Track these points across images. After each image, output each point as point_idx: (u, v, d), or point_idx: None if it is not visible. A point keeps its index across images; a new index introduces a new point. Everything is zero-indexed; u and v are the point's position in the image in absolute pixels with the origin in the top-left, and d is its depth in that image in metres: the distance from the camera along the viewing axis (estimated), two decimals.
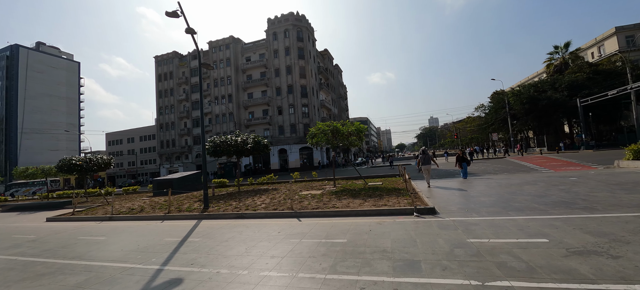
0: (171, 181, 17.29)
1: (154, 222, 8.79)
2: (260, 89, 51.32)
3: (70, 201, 16.01)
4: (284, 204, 9.14)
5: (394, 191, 9.98)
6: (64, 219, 10.84)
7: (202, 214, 8.78)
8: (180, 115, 56.10)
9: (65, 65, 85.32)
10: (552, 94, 38.77)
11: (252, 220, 7.63)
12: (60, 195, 25.17)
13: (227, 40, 53.60)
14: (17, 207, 17.27)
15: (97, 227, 8.79)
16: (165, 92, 57.95)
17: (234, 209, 9.11)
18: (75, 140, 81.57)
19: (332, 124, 12.23)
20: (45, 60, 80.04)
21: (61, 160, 18.55)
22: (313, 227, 6.21)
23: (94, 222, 9.70)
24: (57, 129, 76.62)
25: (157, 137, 58.09)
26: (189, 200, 12.71)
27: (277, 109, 50.03)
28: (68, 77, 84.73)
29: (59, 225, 9.77)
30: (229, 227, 6.98)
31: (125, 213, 10.34)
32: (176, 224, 8.12)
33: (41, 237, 7.74)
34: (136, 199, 15.84)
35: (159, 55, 59.23)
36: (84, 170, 18.38)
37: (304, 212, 7.62)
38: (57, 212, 13.55)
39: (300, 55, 50.23)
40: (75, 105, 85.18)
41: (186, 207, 10.47)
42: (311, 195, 10.58)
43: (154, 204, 12.26)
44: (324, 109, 57.89)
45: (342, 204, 8.38)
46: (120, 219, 9.69)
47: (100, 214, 10.94)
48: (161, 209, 10.45)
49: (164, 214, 9.24)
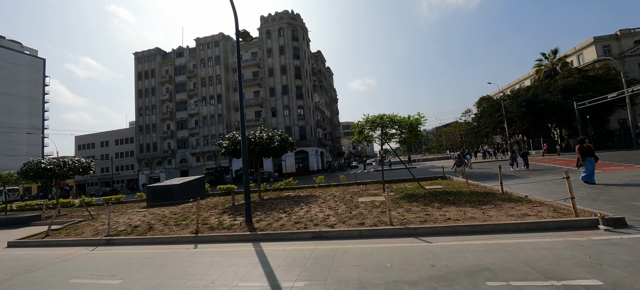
0: (171, 188, 14.28)
1: (180, 246, 6.12)
2: (253, 89, 48.38)
3: (38, 216, 12.54)
4: (359, 216, 6.84)
5: (483, 196, 8.01)
6: (35, 243, 7.77)
7: (256, 233, 6.24)
8: (163, 117, 51.55)
9: (27, 61, 76.99)
10: (549, 97, 39.47)
11: (343, 244, 5.23)
12: (21, 208, 20.88)
13: (216, 37, 50.29)
14: None
15: (91, 257, 5.98)
16: (145, 91, 53.17)
17: (293, 224, 6.64)
18: (37, 144, 73.21)
19: (385, 116, 10.13)
20: (5, 56, 71.61)
21: (26, 164, 14.87)
22: (453, 254, 4.07)
23: (83, 248, 6.80)
24: (17, 131, 68.25)
25: (135, 141, 52.94)
26: (204, 211, 9.99)
27: (271, 110, 47.34)
28: (31, 75, 76.39)
29: (28, 254, 6.77)
30: (326, 256, 4.58)
31: (128, 233, 7.50)
32: (222, 250, 5.54)
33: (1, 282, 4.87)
34: (127, 211, 12.70)
35: (139, 52, 54.47)
36: (57, 176, 14.83)
37: (415, 230, 5.38)
38: (22, 233, 10.23)
39: (295, 55, 48.11)
40: (38, 106, 76.80)
41: (215, 222, 7.83)
42: (378, 203, 8.35)
43: (161, 218, 9.41)
44: (318, 112, 55.85)
45: (440, 214, 6.26)
46: (124, 243, 6.87)
47: (89, 234, 7.98)
48: (178, 226, 7.73)
49: (193, 235, 6.57)
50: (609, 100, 31.35)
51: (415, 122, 9.96)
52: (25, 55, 77.67)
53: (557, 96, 39.21)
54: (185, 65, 52.12)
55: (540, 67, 48.75)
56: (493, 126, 50.74)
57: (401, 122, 10.04)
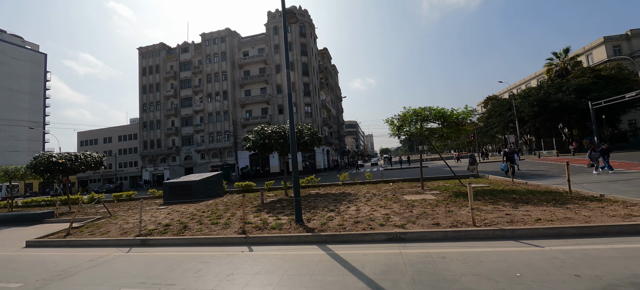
0: (190, 185, 13.53)
1: (231, 248, 5.38)
2: (259, 86, 47.61)
3: (51, 213, 11.79)
4: (425, 216, 6.13)
5: (549, 195, 7.31)
6: (57, 243, 7.03)
7: (316, 234, 5.51)
8: (167, 113, 50.73)
9: (29, 56, 75.98)
10: (562, 97, 38.84)
11: (430, 247, 4.52)
12: (27, 204, 20.14)
13: (222, 32, 49.45)
14: None
15: (131, 259, 5.25)
16: (149, 87, 52.33)
17: (353, 223, 5.91)
18: (38, 140, 72.29)
19: (431, 108, 9.40)
20: (6, 50, 70.60)
21: (36, 158, 14.10)
22: (586, 260, 3.38)
23: (116, 249, 6.07)
24: (18, 127, 67.32)
25: (139, 137, 52.13)
26: (234, 208, 9.26)
27: (278, 107, 46.57)
28: (32, 70, 75.40)
29: (54, 256, 6.04)
30: (425, 263, 3.87)
31: (162, 232, 6.76)
32: (284, 253, 4.81)
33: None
34: (145, 208, 11.96)
35: (143, 47, 53.62)
36: (69, 171, 14.07)
37: (512, 232, 4.68)
38: (37, 230, 9.49)
39: (303, 52, 47.37)
40: (39, 102, 75.88)
41: (256, 221, 7.10)
42: (431, 201, 7.65)
43: (191, 216, 8.67)
44: (325, 110, 55.14)
45: (522, 214, 5.55)
46: (162, 244, 6.14)
47: (117, 233, 7.24)
48: (216, 225, 7.01)
49: (242, 235, 5.83)
50: (627, 99, 30.75)
51: (465, 116, 9.24)
52: (27, 50, 76.70)
53: (571, 96, 38.62)
54: (191, 61, 51.28)
55: (551, 67, 48.12)
56: (503, 126, 50.15)
57: (446, 115, 9.33)
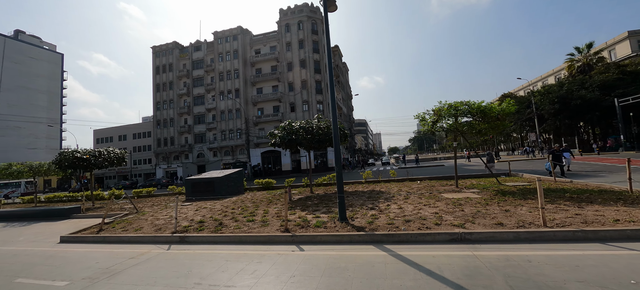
0: (212, 181, 13.36)
1: (279, 248, 5.06)
2: (271, 83, 47.50)
3: (78, 208, 11.79)
4: (479, 215, 5.69)
5: (607, 194, 6.74)
6: (91, 239, 6.88)
7: (369, 233, 5.15)
8: (180, 111, 51.20)
9: (46, 56, 77.99)
10: (585, 94, 37.29)
11: (503, 250, 4.09)
12: (49, 199, 20.44)
13: (234, 30, 49.51)
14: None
15: (175, 258, 4.99)
16: (163, 85, 52.91)
17: (403, 222, 5.50)
18: (56, 138, 74.27)
19: (469, 103, 8.89)
20: (25, 50, 72.64)
21: (61, 153, 14.20)
22: None
23: (154, 246, 5.84)
24: (37, 125, 69.25)
25: (153, 135, 52.82)
26: (264, 205, 8.97)
27: (290, 105, 46.34)
28: (50, 70, 77.42)
29: (93, 252, 5.86)
30: (511, 267, 3.45)
31: (198, 229, 6.51)
32: (340, 253, 4.46)
33: None
34: (169, 205, 11.83)
35: (156, 46, 54.23)
36: (92, 167, 14.11)
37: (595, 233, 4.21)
38: (67, 225, 9.44)
39: (315, 49, 46.99)
40: (57, 100, 77.87)
41: (295, 218, 6.78)
42: (476, 200, 7.18)
43: (221, 213, 8.43)
44: (336, 108, 54.62)
45: (593, 214, 5.05)
46: (202, 241, 5.88)
47: (150, 230, 7.04)
48: (253, 222, 6.72)
49: (287, 234, 5.52)
50: None
51: (507, 110, 8.69)
52: (45, 50, 78.76)
53: (595, 92, 37.04)
54: (203, 59, 51.58)
55: (573, 62, 46.36)
56: (520, 124, 48.65)
57: (485, 110, 8.79)
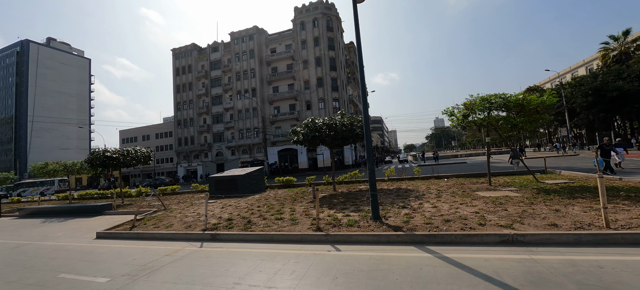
0: (235, 179, 13.48)
1: (314, 247, 4.89)
2: (287, 82, 47.63)
3: (110, 205, 12.25)
4: (526, 215, 5.26)
5: None
6: (125, 235, 7.04)
7: (408, 233, 4.88)
8: (200, 111, 52.53)
9: (75, 62, 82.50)
10: (623, 85, 34.62)
11: (565, 253, 3.71)
12: (82, 196, 21.50)
13: (250, 30, 50.04)
14: (38, 212, 13.54)
15: (209, 256, 4.95)
16: (183, 86, 54.48)
17: (443, 222, 5.18)
18: (85, 139, 78.59)
19: (505, 95, 8.33)
20: (56, 57, 77.20)
21: (92, 153, 14.84)
22: None
23: (186, 243, 5.86)
24: (68, 127, 73.51)
25: (174, 135, 54.59)
26: (289, 203, 8.87)
27: (306, 103, 46.28)
28: (79, 74, 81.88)
29: (128, 248, 5.96)
30: (581, 273, 3.10)
31: (228, 227, 6.49)
32: (379, 253, 4.23)
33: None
34: (195, 202, 12.03)
35: (176, 48, 55.85)
36: (121, 165, 14.66)
37: None
38: (101, 222, 9.78)
39: (330, 46, 46.57)
40: (85, 103, 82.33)
41: (325, 217, 6.60)
42: (515, 198, 6.69)
43: (247, 210, 8.41)
44: (352, 105, 54.07)
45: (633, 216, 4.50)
46: (233, 239, 5.83)
47: (180, 227, 7.11)
48: (281, 220, 6.61)
49: (320, 233, 5.34)
50: None
51: (547, 102, 8.06)
52: (74, 56, 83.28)
53: (634, 83, 34.34)
54: (221, 59, 52.55)
55: (607, 52, 43.23)
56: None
57: (524, 102, 8.18)
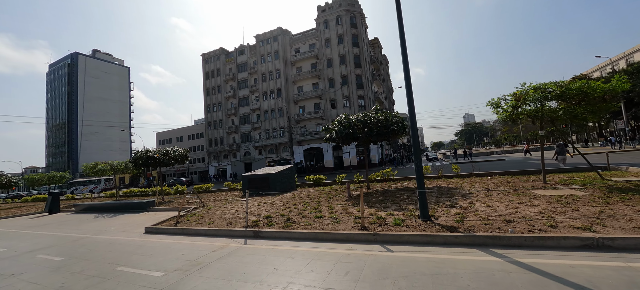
0: (267, 178, 13.64)
1: (363, 247, 4.66)
2: (311, 81, 47.74)
3: (152, 202, 12.96)
4: (606, 217, 4.59)
5: None
6: (170, 230, 7.31)
7: (468, 234, 4.49)
8: (228, 113, 54.45)
9: (117, 70, 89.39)
10: None
11: None
12: (126, 194, 23.13)
13: (274, 32, 50.86)
14: (91, 208, 14.74)
15: (255, 252, 4.91)
16: (212, 89, 56.82)
17: (504, 222, 4.70)
18: (126, 141, 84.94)
19: (565, 83, 7.46)
20: (100, 66, 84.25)
21: (136, 153, 15.87)
22: None
23: (230, 240, 5.91)
24: (111, 130, 79.99)
25: (205, 136, 57.16)
26: (324, 201, 8.70)
27: (330, 102, 46.06)
28: (120, 82, 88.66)
29: (177, 243, 6.15)
30: None
31: (269, 224, 6.46)
32: (439, 256, 3.90)
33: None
34: (229, 200, 12.32)
35: (206, 53, 58.38)
36: (161, 164, 15.50)
37: None
38: (146, 217, 10.33)
39: (354, 43, 45.90)
40: (126, 108, 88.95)
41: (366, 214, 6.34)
42: (584, 197, 5.93)
43: (285, 207, 8.38)
44: (377, 102, 52.90)
45: None
46: (275, 237, 5.77)
47: (222, 223, 7.22)
48: (321, 218, 6.45)
49: (367, 232, 5.10)
50: None
51: (617, 89, 7.07)
52: (115, 65, 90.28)
53: None
54: (247, 62, 54.02)
55: None
56: None
57: (588, 90, 7.24)
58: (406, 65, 5.65)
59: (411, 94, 5.64)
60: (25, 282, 4.50)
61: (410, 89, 5.67)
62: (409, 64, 5.68)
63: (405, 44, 5.73)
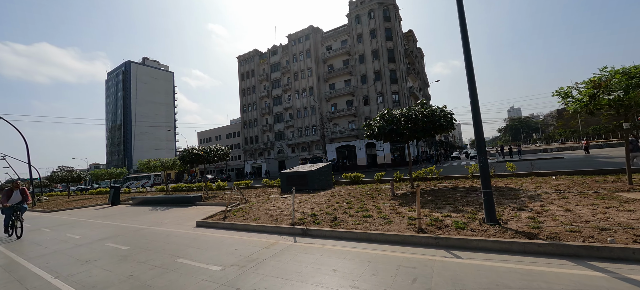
0: (305, 175, 13.65)
1: (421, 250, 4.30)
2: (343, 78, 47.24)
3: (199, 197, 13.72)
4: None
5: None
6: (220, 225, 7.56)
7: (555, 242, 3.92)
8: (262, 112, 56.22)
9: (163, 75, 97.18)
10: None
11: None
12: (174, 189, 24.94)
13: (305, 30, 51.20)
14: (146, 201, 16.11)
15: (310, 253, 4.80)
16: (247, 90, 59.08)
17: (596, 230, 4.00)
18: (171, 140, 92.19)
19: None
20: (149, 72, 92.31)
21: (183, 151, 16.98)
22: None
23: (279, 237, 5.90)
24: (159, 130, 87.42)
25: (241, 134, 59.74)
26: (367, 200, 8.37)
27: (363, 98, 45.17)
28: (165, 86, 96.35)
29: (227, 239, 6.31)
30: None
31: (316, 223, 6.33)
32: (526, 267, 3.41)
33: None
34: (270, 196, 12.54)
35: (241, 55, 60.79)
36: (205, 161, 16.38)
37: None
38: (196, 212, 10.91)
39: (387, 37, 44.36)
40: (171, 110, 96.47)
41: (423, 216, 5.92)
42: None
43: (328, 205, 8.24)
44: (413, 97, 50.67)
45: None
46: (324, 236, 5.62)
47: (266, 220, 7.28)
48: (370, 217, 6.16)
49: (427, 235, 4.70)
50: None
51: None
52: (161, 70, 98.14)
53: None
54: (279, 62, 55.18)
55: None
56: None
57: None
58: (467, 51, 5.08)
59: (473, 81, 5.06)
60: (100, 268, 4.89)
61: (472, 75, 5.10)
62: (470, 51, 5.11)
63: (465, 25, 5.16)
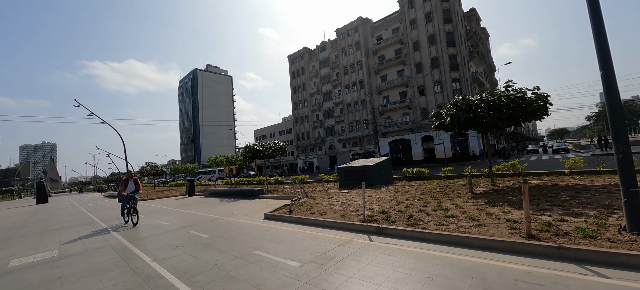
0: (365, 170, 13.13)
1: (537, 262, 3.49)
2: (396, 68, 44.79)
3: (262, 190, 14.41)
4: None
5: None
6: (287, 218, 7.61)
7: None
8: (313, 108, 57.10)
9: (223, 80, 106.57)
10: None
11: None
12: (238, 183, 26.97)
13: (354, 23, 49.93)
14: (215, 193, 17.69)
15: (393, 255, 4.36)
16: (298, 87, 60.67)
17: None
18: (231, 138, 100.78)
19: None
20: (212, 78, 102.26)
21: (245, 147, 18.10)
22: None
23: (352, 234, 5.58)
24: (221, 129, 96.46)
25: (293, 131, 61.82)
26: (441, 196, 7.45)
27: (418, 89, 42.17)
28: (225, 89, 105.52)
29: (298, 233, 6.26)
30: None
31: (389, 220, 5.83)
32: None
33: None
34: (329, 191, 12.39)
35: (291, 54, 62.61)
36: (266, 156, 17.18)
37: None
38: (260, 204, 11.39)
39: (446, 19, 40.41)
40: (230, 111, 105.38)
41: (515, 217, 4.94)
42: None
43: (394, 201, 7.63)
44: (476, 84, 45.28)
45: None
46: (400, 236, 5.11)
47: (333, 215, 7.04)
48: (453, 217, 5.38)
49: (540, 242, 3.83)
50: None
51: None
52: (221, 75, 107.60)
53: None
54: (328, 57, 55.15)
55: None
56: None
57: None
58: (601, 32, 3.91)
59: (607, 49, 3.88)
60: (188, 255, 5.24)
61: (606, 43, 3.91)
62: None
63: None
